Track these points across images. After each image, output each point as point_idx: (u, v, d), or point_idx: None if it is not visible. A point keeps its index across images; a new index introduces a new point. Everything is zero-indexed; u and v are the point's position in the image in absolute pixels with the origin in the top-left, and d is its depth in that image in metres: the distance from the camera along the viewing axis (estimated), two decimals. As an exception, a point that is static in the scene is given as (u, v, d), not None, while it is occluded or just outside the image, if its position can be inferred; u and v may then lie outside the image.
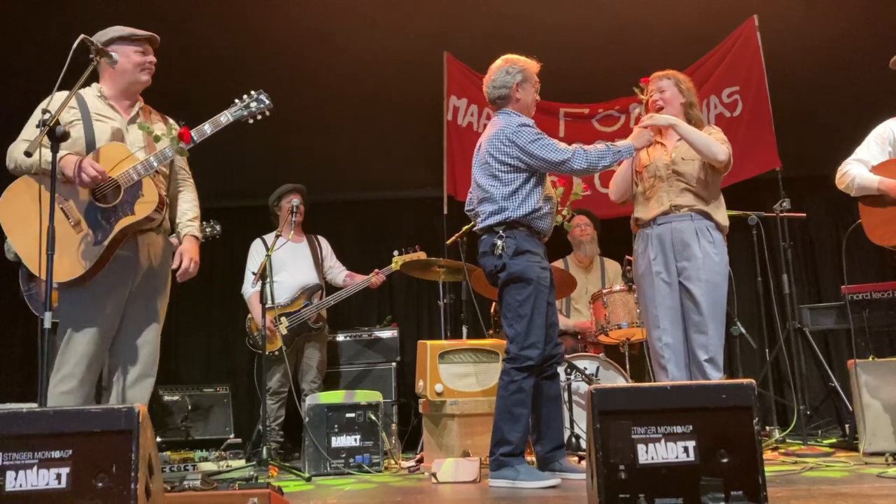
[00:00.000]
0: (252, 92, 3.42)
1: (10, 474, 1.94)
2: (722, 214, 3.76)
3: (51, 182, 2.83)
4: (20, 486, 1.94)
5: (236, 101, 3.40)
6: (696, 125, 3.77)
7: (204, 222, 4.60)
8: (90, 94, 3.28)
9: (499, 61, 3.70)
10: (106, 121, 3.25)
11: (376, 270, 5.42)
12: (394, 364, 5.79)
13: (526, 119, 3.61)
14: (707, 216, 3.69)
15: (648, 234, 3.77)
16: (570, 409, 4.39)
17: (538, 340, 3.45)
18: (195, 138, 3.26)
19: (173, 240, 3.44)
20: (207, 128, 3.28)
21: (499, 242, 3.48)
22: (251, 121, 3.40)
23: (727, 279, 3.71)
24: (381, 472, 4.21)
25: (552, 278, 3.64)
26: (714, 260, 3.65)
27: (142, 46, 3.31)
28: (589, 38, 5.64)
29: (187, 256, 3.32)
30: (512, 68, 3.64)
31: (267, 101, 3.42)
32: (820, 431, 5.20)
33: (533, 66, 3.69)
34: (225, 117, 3.34)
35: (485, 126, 6.44)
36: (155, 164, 3.18)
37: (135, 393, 3.19)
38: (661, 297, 3.69)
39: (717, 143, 3.66)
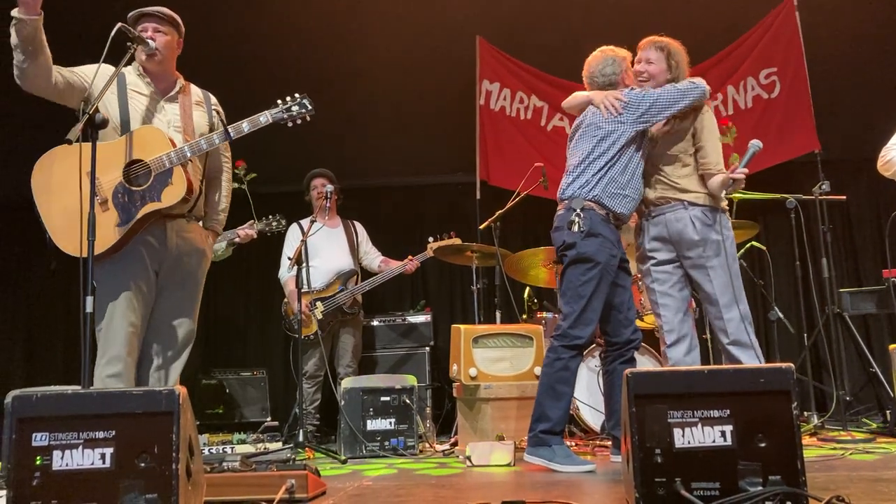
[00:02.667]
0: (296, 95, 3.36)
1: (56, 454, 2.00)
2: (704, 192, 3.56)
3: (91, 169, 2.85)
4: (66, 465, 2.00)
5: (279, 101, 3.35)
6: None
7: (270, 216, 4.61)
8: (130, 70, 3.29)
9: (599, 53, 3.71)
10: (141, 97, 3.26)
11: (410, 256, 5.43)
12: (427, 348, 5.81)
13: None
14: (696, 203, 3.53)
15: (646, 223, 3.68)
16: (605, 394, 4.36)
17: (591, 323, 3.45)
18: (231, 135, 3.24)
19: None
20: (245, 126, 3.26)
21: (576, 219, 3.45)
22: (290, 124, 3.34)
23: (734, 257, 3.53)
24: (415, 454, 4.25)
25: (626, 264, 3.63)
26: (714, 241, 3.50)
27: (139, 24, 3.27)
28: (621, 21, 5.57)
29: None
30: (617, 59, 3.66)
31: (309, 107, 3.35)
32: (860, 417, 5.12)
33: (629, 56, 3.73)
34: (265, 118, 3.29)
35: (517, 110, 6.50)
36: (188, 153, 3.16)
37: (164, 376, 3.22)
38: (659, 285, 3.63)
39: None
